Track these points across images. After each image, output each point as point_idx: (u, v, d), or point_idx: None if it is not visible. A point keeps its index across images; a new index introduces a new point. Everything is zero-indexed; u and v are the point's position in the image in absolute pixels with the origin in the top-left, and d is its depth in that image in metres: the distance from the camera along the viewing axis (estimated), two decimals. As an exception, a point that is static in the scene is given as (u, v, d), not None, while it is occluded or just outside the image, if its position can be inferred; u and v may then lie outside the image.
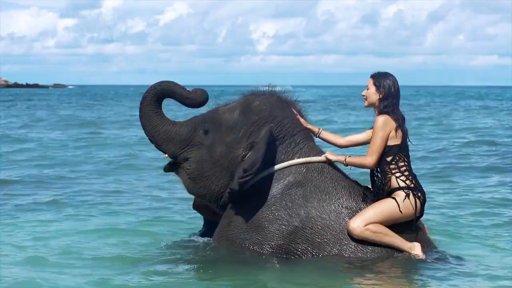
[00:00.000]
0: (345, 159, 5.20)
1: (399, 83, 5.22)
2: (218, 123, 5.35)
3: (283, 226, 5.09)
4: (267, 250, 5.10)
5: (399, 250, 5.07)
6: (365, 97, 5.25)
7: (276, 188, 5.17)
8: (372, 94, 5.20)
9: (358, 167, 5.22)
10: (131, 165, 11.94)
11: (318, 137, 5.46)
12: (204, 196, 5.42)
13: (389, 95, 5.15)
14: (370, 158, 5.09)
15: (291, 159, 5.23)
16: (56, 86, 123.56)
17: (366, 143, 5.33)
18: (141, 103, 5.46)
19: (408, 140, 5.17)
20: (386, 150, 5.09)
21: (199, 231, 5.86)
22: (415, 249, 5.06)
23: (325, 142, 5.50)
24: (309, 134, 5.42)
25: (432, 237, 5.52)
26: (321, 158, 5.27)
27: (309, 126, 5.42)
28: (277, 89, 5.49)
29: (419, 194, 5.08)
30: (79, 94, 70.43)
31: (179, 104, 5.40)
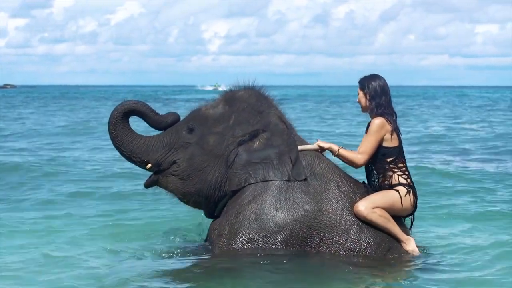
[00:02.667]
0: (338, 149, 5.29)
1: (349, 84, 5.37)
2: (203, 118, 5.40)
3: (292, 210, 5.12)
4: (281, 238, 5.11)
5: (396, 239, 5.24)
6: (358, 102, 5.41)
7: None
8: (362, 98, 5.35)
9: (347, 162, 5.31)
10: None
11: (338, 155, 5.37)
12: (201, 190, 5.37)
13: (375, 95, 5.28)
14: (361, 156, 5.21)
15: None
16: (6, 86, 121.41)
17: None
18: (112, 123, 5.40)
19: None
20: (385, 152, 5.23)
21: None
22: (410, 243, 5.27)
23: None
24: (292, 126, 5.47)
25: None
26: (314, 146, 5.36)
27: (331, 144, 5.39)
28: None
29: (416, 194, 5.30)
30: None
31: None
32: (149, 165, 5.39)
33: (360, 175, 5.49)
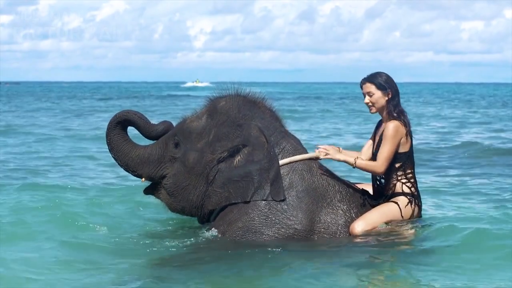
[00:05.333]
0: (355, 161, 5.00)
1: (334, 80, 5.28)
2: (187, 132, 5.25)
3: (282, 230, 4.95)
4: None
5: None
6: (370, 104, 5.02)
7: None
8: (380, 99, 4.99)
9: (366, 171, 5.09)
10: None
11: (355, 167, 5.10)
12: (185, 208, 5.31)
13: (396, 93, 5.01)
14: (381, 165, 4.95)
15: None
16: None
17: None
18: (107, 135, 5.41)
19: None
20: (396, 158, 4.98)
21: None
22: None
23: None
24: (287, 132, 5.28)
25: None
26: (312, 154, 5.12)
27: (346, 157, 5.09)
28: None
29: (419, 202, 5.09)
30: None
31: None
32: (143, 179, 5.42)
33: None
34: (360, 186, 5.27)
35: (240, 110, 5.18)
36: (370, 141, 5.20)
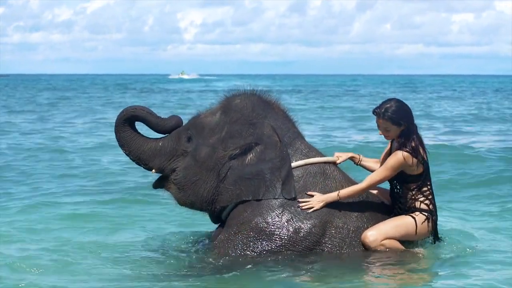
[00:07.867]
0: (339, 196, 4.98)
1: (324, 72, 5.21)
2: (200, 127, 5.27)
3: (295, 232, 4.97)
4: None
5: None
6: (386, 135, 5.03)
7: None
8: (395, 130, 4.98)
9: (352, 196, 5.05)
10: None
11: (359, 164, 5.29)
12: (194, 203, 5.29)
13: (410, 123, 4.97)
14: (365, 187, 5.00)
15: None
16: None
17: None
18: (116, 132, 5.40)
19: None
20: (409, 179, 4.99)
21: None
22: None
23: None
24: (300, 133, 5.31)
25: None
26: (332, 158, 5.18)
27: (350, 155, 5.26)
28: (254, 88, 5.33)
29: (436, 217, 5.07)
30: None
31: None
32: (153, 170, 5.40)
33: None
34: (378, 191, 5.27)
35: (254, 109, 5.20)
36: (384, 153, 5.22)
